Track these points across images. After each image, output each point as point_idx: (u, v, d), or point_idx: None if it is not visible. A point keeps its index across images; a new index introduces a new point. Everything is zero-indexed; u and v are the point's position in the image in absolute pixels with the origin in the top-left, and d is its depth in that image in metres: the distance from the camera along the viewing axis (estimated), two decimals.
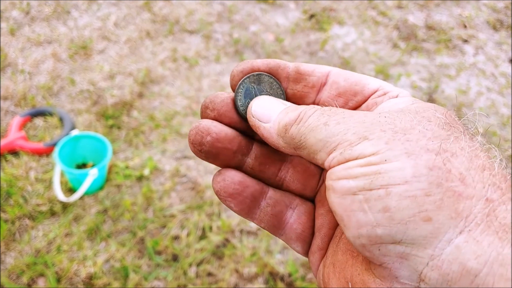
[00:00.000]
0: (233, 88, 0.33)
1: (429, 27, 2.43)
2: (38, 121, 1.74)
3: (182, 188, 1.58)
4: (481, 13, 2.56)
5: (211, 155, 0.32)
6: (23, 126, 1.70)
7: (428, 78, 2.15)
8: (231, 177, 0.32)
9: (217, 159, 0.32)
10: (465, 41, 2.38)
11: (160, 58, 2.05)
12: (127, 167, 1.61)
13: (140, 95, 1.88)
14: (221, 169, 0.33)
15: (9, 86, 1.84)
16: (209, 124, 0.32)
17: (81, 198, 1.49)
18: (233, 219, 1.49)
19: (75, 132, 1.62)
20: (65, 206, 1.48)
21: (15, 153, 1.61)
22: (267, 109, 0.31)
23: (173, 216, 1.49)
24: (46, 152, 1.61)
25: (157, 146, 1.69)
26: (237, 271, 1.38)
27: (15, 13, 2.20)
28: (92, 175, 1.43)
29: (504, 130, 1.95)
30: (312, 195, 0.35)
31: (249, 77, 0.33)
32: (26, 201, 1.47)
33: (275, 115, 0.30)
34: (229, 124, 0.33)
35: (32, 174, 1.55)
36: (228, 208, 1.60)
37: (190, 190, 1.57)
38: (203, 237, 1.45)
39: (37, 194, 1.50)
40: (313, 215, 0.34)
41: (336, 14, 2.43)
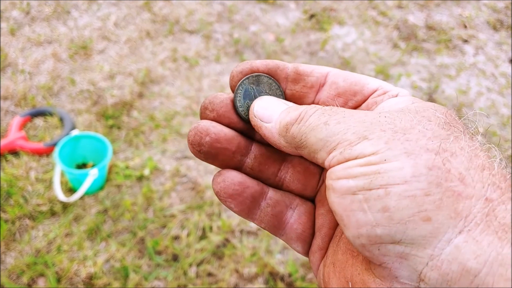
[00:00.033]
0: (233, 88, 0.33)
1: (429, 27, 2.43)
2: (38, 121, 1.74)
3: (182, 188, 1.58)
4: (481, 13, 2.56)
5: (210, 156, 0.32)
6: (23, 126, 1.70)
7: (428, 78, 2.15)
8: (231, 178, 0.32)
9: (216, 160, 0.32)
10: (465, 41, 2.38)
11: (160, 58, 2.05)
12: (127, 167, 1.61)
13: (140, 95, 1.88)
14: (221, 170, 0.33)
15: (9, 86, 1.84)
16: (208, 124, 0.32)
17: (81, 198, 1.49)
18: (233, 219, 1.49)
19: (75, 132, 1.62)
20: (65, 206, 1.48)
21: (15, 153, 1.61)
22: (268, 109, 0.31)
23: (173, 216, 1.49)
24: (46, 152, 1.61)
25: (157, 146, 1.69)
26: (237, 271, 1.38)
27: (15, 13, 2.20)
28: (92, 175, 1.43)
29: (504, 130, 1.95)
30: (312, 195, 0.35)
31: (248, 78, 0.33)
32: (26, 201, 1.47)
33: (276, 115, 0.30)
34: (228, 125, 0.33)
35: (32, 174, 1.55)
36: (228, 209, 1.60)
37: (190, 190, 1.57)
38: (203, 237, 1.45)
39: (37, 194, 1.50)
40: (313, 215, 0.34)
41: (336, 14, 2.43)
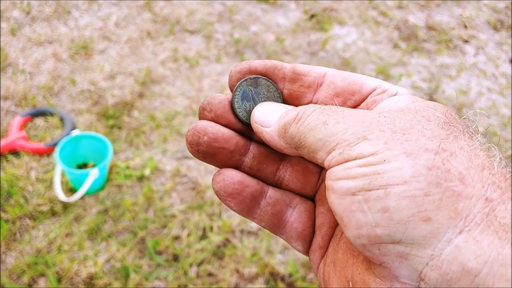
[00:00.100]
0: (231, 88, 0.34)
1: (429, 28, 2.43)
2: (39, 121, 1.74)
3: (182, 188, 1.58)
4: (481, 14, 2.56)
5: (208, 155, 0.32)
6: (23, 126, 1.70)
7: (429, 78, 2.15)
8: (231, 177, 0.32)
9: (214, 159, 0.32)
10: (465, 41, 2.38)
11: (160, 58, 2.05)
12: (127, 167, 1.61)
13: (141, 95, 1.88)
14: (220, 169, 0.33)
15: (10, 86, 1.85)
16: (206, 124, 0.32)
17: (82, 198, 1.49)
18: (234, 219, 1.49)
19: (75, 132, 1.62)
20: (65, 206, 1.48)
21: (15, 153, 1.61)
22: (268, 115, 0.31)
23: (173, 216, 1.49)
24: (47, 152, 1.61)
25: (157, 146, 1.69)
26: (237, 271, 1.38)
27: (15, 13, 2.20)
28: (93, 175, 1.43)
29: (504, 131, 1.94)
30: (312, 193, 0.35)
31: (246, 80, 0.33)
32: (26, 201, 1.48)
33: (276, 118, 0.30)
34: (226, 126, 0.33)
35: (33, 174, 1.55)
36: (229, 208, 1.60)
37: (191, 190, 1.57)
38: (203, 237, 1.45)
39: (37, 194, 1.50)
40: (313, 213, 0.34)
41: (336, 14, 2.43)
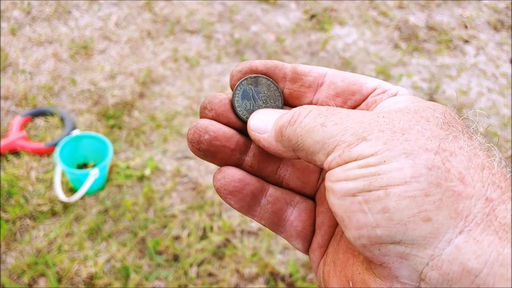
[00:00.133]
0: (232, 87, 0.34)
1: (430, 28, 2.43)
2: (39, 121, 1.74)
3: (183, 188, 1.58)
4: (482, 14, 2.56)
5: (209, 154, 0.32)
6: (24, 126, 1.70)
7: (429, 78, 2.15)
8: (231, 174, 0.32)
9: (215, 158, 0.33)
10: (466, 41, 2.38)
11: (161, 58, 2.05)
12: (128, 167, 1.61)
13: (141, 95, 1.88)
14: (221, 167, 0.33)
15: (10, 86, 1.85)
16: (207, 123, 0.32)
17: (82, 198, 1.49)
18: (234, 220, 1.49)
19: (76, 132, 1.62)
20: (66, 206, 1.48)
21: (16, 153, 1.61)
22: (264, 121, 0.31)
23: (174, 216, 1.49)
24: (47, 152, 1.61)
25: (158, 146, 1.69)
26: (238, 271, 1.38)
27: (16, 13, 2.20)
28: (93, 175, 1.43)
29: (505, 131, 1.94)
30: (312, 192, 0.35)
31: (246, 79, 0.33)
32: (27, 201, 1.48)
33: (271, 124, 0.30)
34: (227, 124, 0.33)
35: (33, 174, 1.55)
36: (229, 208, 1.59)
37: (191, 190, 1.57)
38: (204, 237, 1.45)
39: (38, 194, 1.50)
40: (313, 212, 0.34)
41: (337, 14, 2.43)
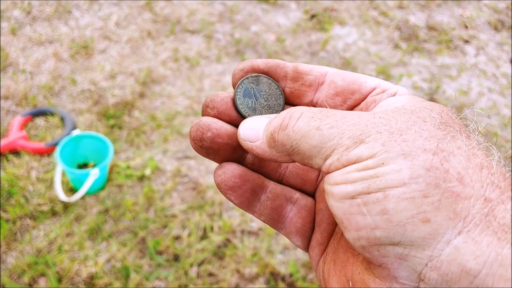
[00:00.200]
0: (234, 86, 0.34)
1: (430, 28, 2.43)
2: (39, 121, 1.74)
3: (183, 188, 1.58)
4: (482, 14, 2.56)
5: (211, 151, 0.32)
6: (24, 126, 1.70)
7: (429, 78, 2.15)
8: (232, 170, 0.32)
9: (217, 155, 0.33)
10: (466, 41, 2.37)
11: (161, 58, 2.05)
12: (128, 167, 1.61)
13: (142, 95, 1.88)
14: (222, 162, 0.33)
15: (10, 86, 1.85)
16: (209, 120, 0.32)
17: (82, 198, 1.49)
18: (234, 219, 1.49)
19: (76, 132, 1.62)
20: (66, 206, 1.48)
21: (16, 152, 1.61)
22: (253, 128, 0.30)
23: (174, 216, 1.49)
24: (47, 152, 1.61)
25: (158, 146, 1.70)
26: (238, 271, 1.38)
27: (16, 12, 2.20)
28: (93, 175, 1.43)
29: (505, 131, 1.94)
30: (312, 190, 0.35)
31: (247, 78, 0.34)
32: (27, 201, 1.48)
33: (261, 130, 0.30)
34: (229, 122, 0.33)
35: (33, 174, 1.55)
36: (229, 208, 1.59)
37: (191, 190, 1.58)
38: (204, 237, 1.45)
39: (38, 194, 1.50)
40: (313, 209, 0.34)
41: (337, 14, 2.43)
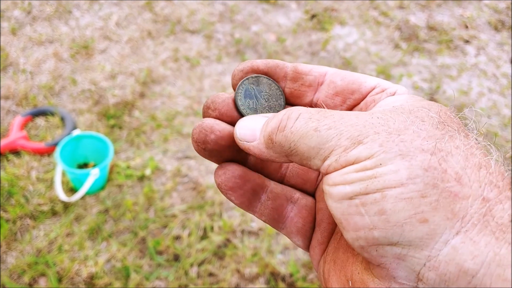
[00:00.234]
0: (234, 87, 0.34)
1: (430, 28, 2.43)
2: (40, 120, 1.74)
3: (183, 188, 1.58)
4: (482, 14, 2.55)
5: (214, 153, 0.32)
6: (24, 126, 1.71)
7: (430, 78, 2.15)
8: (232, 171, 0.32)
9: (220, 157, 0.32)
10: (466, 41, 2.37)
11: (161, 58, 2.05)
12: (128, 167, 1.61)
13: (142, 95, 1.89)
14: (223, 163, 0.33)
15: (11, 86, 1.85)
16: (212, 122, 0.32)
17: (83, 198, 1.49)
18: (235, 219, 1.49)
19: (76, 132, 1.63)
20: (66, 206, 1.48)
21: (16, 152, 1.61)
22: (250, 128, 0.30)
23: (174, 216, 1.49)
24: (48, 151, 1.61)
25: (158, 146, 1.70)
26: (238, 271, 1.38)
27: (16, 12, 2.21)
28: (94, 175, 1.43)
29: (505, 131, 1.94)
30: (312, 189, 0.35)
31: (248, 78, 0.33)
32: (27, 200, 1.48)
33: (259, 130, 0.30)
34: (231, 123, 0.33)
35: (34, 173, 1.55)
36: (229, 208, 1.59)
37: (192, 190, 1.58)
38: (204, 237, 1.45)
39: (38, 193, 1.50)
40: (314, 209, 0.34)
41: (337, 14, 2.43)
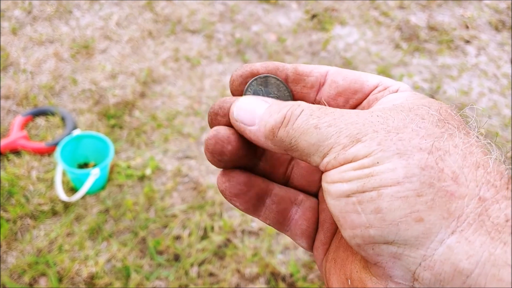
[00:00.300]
0: (233, 92, 0.33)
1: (431, 28, 2.43)
2: (40, 120, 1.75)
3: (183, 188, 1.58)
4: (483, 14, 2.55)
5: (230, 164, 0.31)
6: (25, 126, 1.71)
7: (430, 78, 2.14)
8: (236, 177, 0.31)
9: (233, 166, 0.32)
10: (467, 41, 2.37)
11: (162, 58, 2.05)
12: (129, 167, 1.61)
13: (142, 95, 1.89)
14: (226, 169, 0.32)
15: (11, 86, 1.85)
16: (228, 132, 0.30)
17: (83, 197, 1.49)
18: (235, 219, 1.49)
19: (77, 132, 1.63)
20: (66, 206, 1.48)
21: (17, 152, 1.62)
22: (249, 111, 0.29)
23: (174, 216, 1.50)
24: (48, 151, 1.62)
25: (159, 146, 1.70)
26: (238, 271, 1.38)
27: (17, 12, 2.21)
28: (94, 174, 1.44)
29: (506, 131, 1.94)
30: (316, 190, 0.35)
31: (256, 79, 0.32)
32: (28, 200, 1.48)
33: (258, 115, 0.29)
34: None
35: (34, 173, 1.55)
36: (230, 208, 1.59)
37: (192, 190, 1.58)
38: (204, 237, 1.45)
39: (38, 193, 1.50)
40: (317, 210, 0.34)
41: (338, 14, 2.43)
